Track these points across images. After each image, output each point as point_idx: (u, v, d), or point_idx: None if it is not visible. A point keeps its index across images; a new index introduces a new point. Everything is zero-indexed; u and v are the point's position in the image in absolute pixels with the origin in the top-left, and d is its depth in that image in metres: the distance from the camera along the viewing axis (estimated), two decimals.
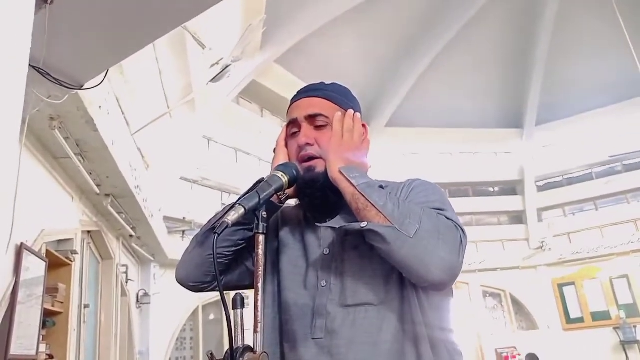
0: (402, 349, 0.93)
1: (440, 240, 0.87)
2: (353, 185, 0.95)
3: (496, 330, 12.59)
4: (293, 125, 1.10)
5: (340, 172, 0.98)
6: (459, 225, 0.93)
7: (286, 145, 1.12)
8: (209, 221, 1.09)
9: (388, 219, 0.89)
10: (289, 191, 1.06)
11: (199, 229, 1.11)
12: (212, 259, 0.89)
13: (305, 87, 1.15)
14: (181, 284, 1.10)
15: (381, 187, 0.97)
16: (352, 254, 1.00)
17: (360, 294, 0.97)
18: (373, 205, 0.91)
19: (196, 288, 1.09)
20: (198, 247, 1.06)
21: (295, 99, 1.13)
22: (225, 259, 1.06)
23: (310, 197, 1.07)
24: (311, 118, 1.07)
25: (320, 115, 1.07)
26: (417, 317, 0.94)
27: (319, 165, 1.05)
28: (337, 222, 1.02)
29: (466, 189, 14.37)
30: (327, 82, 1.17)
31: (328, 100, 1.10)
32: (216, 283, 1.05)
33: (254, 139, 10.16)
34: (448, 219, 0.93)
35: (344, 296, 0.98)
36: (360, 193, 0.94)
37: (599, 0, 10.69)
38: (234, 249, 1.06)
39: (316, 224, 1.06)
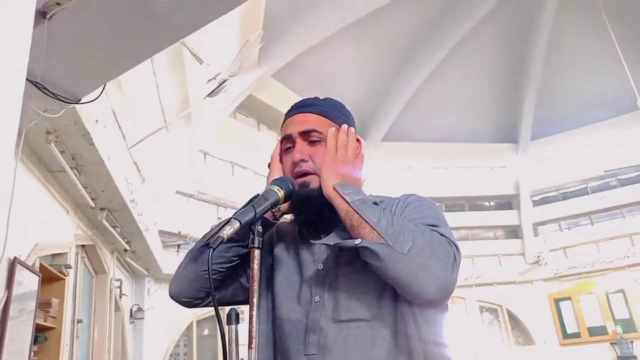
0: None
1: (433, 257, 0.87)
2: (347, 202, 0.95)
3: (493, 346, 12.52)
4: (287, 141, 1.10)
5: (334, 189, 0.98)
6: (453, 242, 0.93)
7: (281, 161, 1.12)
8: (204, 236, 1.09)
9: (382, 236, 0.89)
10: (284, 207, 1.06)
11: (195, 243, 1.11)
12: (206, 275, 0.91)
13: (299, 102, 1.15)
14: (174, 300, 1.10)
15: (375, 203, 0.97)
16: (346, 270, 1.00)
17: (353, 310, 0.97)
18: (367, 222, 0.91)
19: (189, 303, 1.08)
20: (192, 262, 1.06)
21: (289, 114, 1.13)
22: (219, 275, 1.05)
23: (305, 214, 1.07)
24: (305, 134, 1.07)
25: (314, 131, 1.07)
26: (411, 332, 0.94)
27: (313, 181, 1.05)
28: (332, 238, 1.01)
29: (462, 204, 14.41)
30: (321, 97, 1.17)
31: (322, 115, 1.10)
32: (210, 298, 1.05)
33: (250, 153, 10.18)
34: (442, 235, 0.93)
35: (337, 312, 0.98)
36: (354, 210, 0.94)
37: (593, 16, 10.88)
38: (227, 265, 1.05)
39: (311, 240, 1.05)
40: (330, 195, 0.99)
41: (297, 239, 1.11)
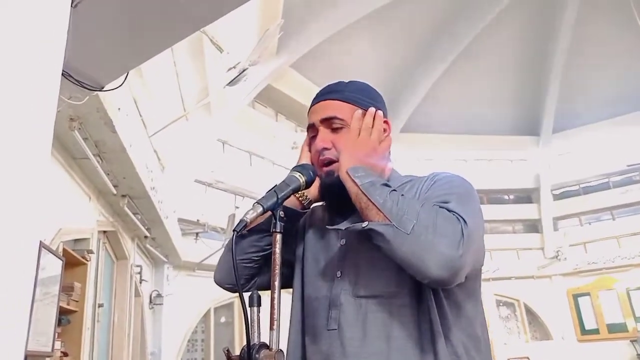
0: (415, 343, 0.92)
1: (436, 234, 0.84)
2: (356, 185, 0.96)
3: (509, 340, 12.44)
4: (311, 130, 1.12)
5: (347, 173, 0.99)
6: (462, 217, 0.87)
7: (310, 150, 1.13)
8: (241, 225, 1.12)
9: (387, 217, 0.88)
10: (313, 196, 1.09)
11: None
12: (244, 264, 1.03)
13: (323, 89, 1.15)
14: (219, 286, 1.14)
15: (386, 185, 0.96)
16: (367, 246, 0.97)
17: (372, 286, 0.97)
18: (373, 204, 0.91)
19: (232, 289, 1.12)
20: (229, 252, 1.10)
21: (313, 102, 1.13)
22: (255, 263, 1.09)
23: (331, 201, 1.10)
24: (326, 121, 1.08)
25: (336, 117, 1.07)
26: (432, 312, 0.92)
27: (337, 169, 1.05)
28: (345, 223, 1.02)
29: (481, 197, 14.08)
30: (346, 81, 1.16)
31: (345, 101, 1.09)
32: (250, 284, 1.10)
33: (268, 143, 10.22)
34: (450, 210, 0.89)
35: (357, 287, 0.99)
36: (363, 192, 0.94)
37: (619, 7, 10.59)
38: (261, 253, 1.08)
39: (326, 226, 1.07)
40: (343, 179, 1.00)
41: (325, 220, 1.14)
